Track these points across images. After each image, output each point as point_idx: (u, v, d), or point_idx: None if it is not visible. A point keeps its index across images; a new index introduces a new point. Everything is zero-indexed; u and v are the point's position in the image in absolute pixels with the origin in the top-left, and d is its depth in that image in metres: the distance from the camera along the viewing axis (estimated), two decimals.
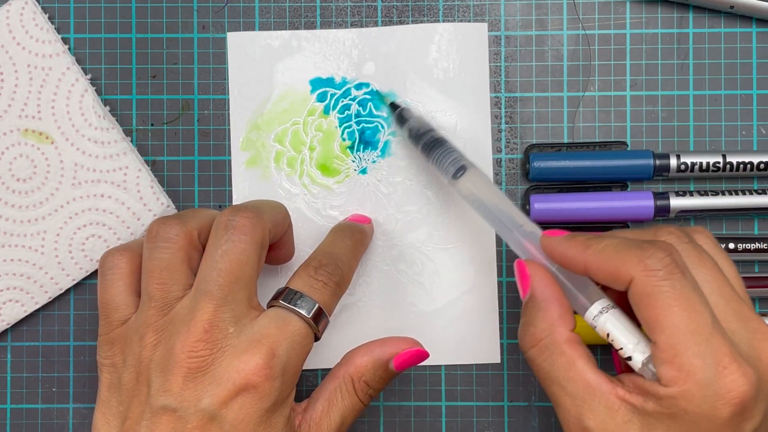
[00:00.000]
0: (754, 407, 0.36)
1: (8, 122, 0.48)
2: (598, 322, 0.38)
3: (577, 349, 0.39)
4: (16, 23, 0.48)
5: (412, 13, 0.50)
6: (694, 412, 0.35)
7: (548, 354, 0.39)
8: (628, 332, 0.38)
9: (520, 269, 0.41)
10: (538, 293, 0.40)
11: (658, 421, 0.36)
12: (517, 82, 0.50)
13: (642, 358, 0.37)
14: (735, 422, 0.35)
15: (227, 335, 0.40)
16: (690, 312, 0.35)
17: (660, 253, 0.36)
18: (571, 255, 0.39)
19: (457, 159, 0.45)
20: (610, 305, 0.39)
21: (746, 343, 0.37)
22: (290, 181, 0.50)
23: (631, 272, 0.36)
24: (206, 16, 0.50)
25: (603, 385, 0.38)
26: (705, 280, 0.38)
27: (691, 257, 0.38)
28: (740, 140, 0.50)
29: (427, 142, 0.47)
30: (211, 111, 0.50)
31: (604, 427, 0.37)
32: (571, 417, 0.38)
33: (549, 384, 0.39)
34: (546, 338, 0.39)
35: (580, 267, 0.39)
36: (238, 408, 0.39)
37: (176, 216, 0.43)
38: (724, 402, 0.35)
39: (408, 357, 0.44)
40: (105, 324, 0.42)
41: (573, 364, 0.38)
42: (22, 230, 0.48)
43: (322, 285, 0.42)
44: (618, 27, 0.50)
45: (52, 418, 0.50)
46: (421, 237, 0.50)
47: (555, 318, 0.39)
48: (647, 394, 0.36)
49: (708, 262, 0.38)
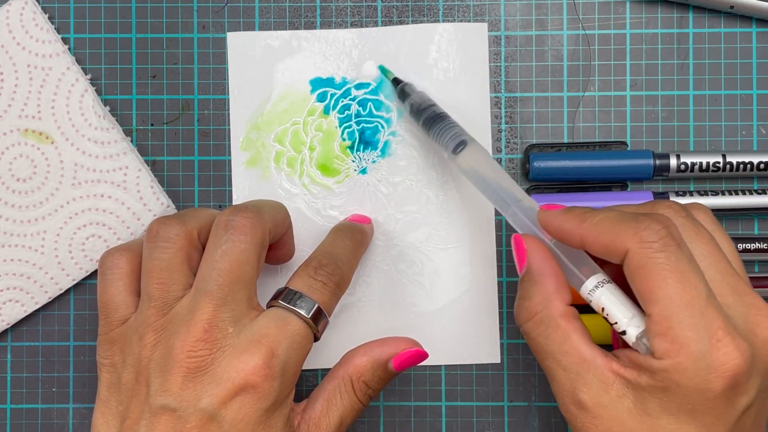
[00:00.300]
0: (747, 381, 0.35)
1: (8, 122, 0.48)
2: (594, 297, 0.38)
3: (572, 323, 0.38)
4: (16, 23, 0.48)
5: (412, 13, 0.50)
6: (686, 386, 0.35)
7: (543, 327, 0.39)
8: (623, 306, 0.37)
9: (516, 243, 0.41)
10: (534, 267, 0.40)
11: (652, 395, 0.36)
12: (517, 82, 0.50)
13: (636, 332, 0.37)
14: (728, 396, 0.35)
15: (227, 335, 0.39)
16: (685, 284, 0.35)
17: (656, 225, 0.36)
18: (568, 228, 0.39)
19: (458, 134, 0.45)
20: (606, 280, 0.38)
21: (741, 318, 0.36)
22: (290, 181, 0.50)
23: (626, 244, 0.36)
24: (206, 16, 0.50)
25: (598, 359, 0.37)
26: (702, 254, 0.37)
27: (688, 231, 0.38)
28: (740, 140, 0.50)
29: (428, 117, 0.47)
30: (211, 111, 0.50)
31: (598, 401, 0.37)
32: (566, 391, 0.38)
33: (544, 358, 0.39)
34: (541, 312, 0.39)
35: (576, 240, 0.38)
36: (237, 408, 0.39)
37: (176, 216, 0.43)
38: (716, 375, 0.35)
39: (407, 357, 0.44)
40: (104, 324, 0.42)
41: (568, 338, 0.38)
42: (22, 230, 0.48)
43: (321, 285, 0.42)
44: (618, 27, 0.50)
45: (52, 418, 0.50)
46: (421, 237, 0.50)
47: (551, 292, 0.39)
48: (641, 368, 0.36)
49: (705, 236, 0.38)
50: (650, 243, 0.36)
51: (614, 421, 0.37)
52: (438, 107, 0.47)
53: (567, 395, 0.38)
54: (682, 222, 0.38)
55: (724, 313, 0.36)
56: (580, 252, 0.40)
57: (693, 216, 0.39)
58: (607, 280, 0.38)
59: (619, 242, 0.36)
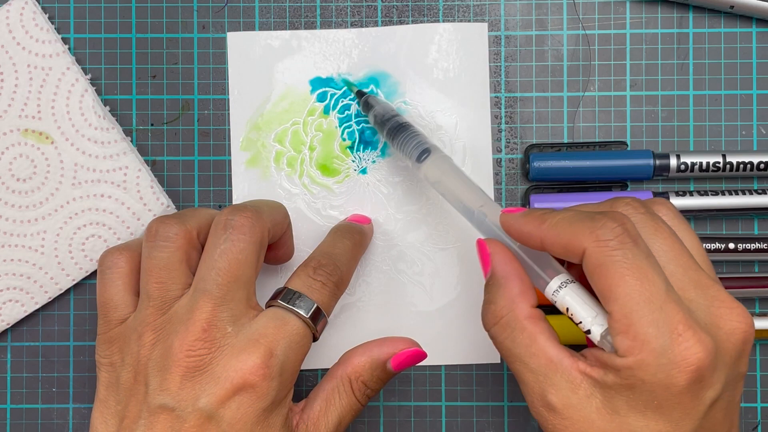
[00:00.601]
0: (712, 375, 0.35)
1: (8, 122, 0.48)
2: (558, 297, 0.38)
3: (538, 325, 0.38)
4: (16, 23, 0.48)
5: (412, 13, 0.50)
6: (650, 382, 0.35)
7: (510, 331, 0.39)
8: (586, 305, 0.37)
9: (480, 248, 0.41)
10: (498, 271, 0.40)
11: (618, 393, 0.36)
12: (517, 82, 0.50)
13: (600, 330, 0.37)
14: (693, 390, 0.35)
15: (225, 334, 0.40)
16: (642, 281, 0.35)
17: (611, 223, 0.36)
18: (528, 230, 0.38)
19: (421, 142, 0.45)
20: (570, 280, 0.38)
21: (704, 311, 0.36)
22: (290, 181, 0.50)
23: (583, 244, 0.36)
24: (206, 16, 0.50)
25: (564, 360, 0.37)
26: (661, 250, 0.37)
27: (646, 227, 0.38)
28: (740, 140, 0.50)
29: (391, 127, 0.47)
30: (211, 111, 0.50)
31: (567, 402, 0.37)
32: (535, 393, 0.38)
33: (512, 361, 0.39)
34: (507, 315, 0.39)
35: (536, 242, 0.38)
36: (235, 407, 0.39)
37: (176, 215, 0.43)
38: (679, 370, 0.34)
39: (406, 357, 0.44)
40: (104, 323, 0.42)
41: (534, 340, 0.38)
42: (22, 230, 0.48)
43: (320, 285, 0.42)
44: (618, 27, 0.50)
45: (52, 418, 0.50)
46: (421, 237, 0.50)
47: (515, 294, 0.39)
48: (607, 366, 0.36)
49: (665, 231, 0.38)
50: (606, 241, 0.36)
51: (584, 421, 0.36)
52: (401, 117, 0.47)
53: (536, 398, 0.38)
54: (641, 218, 0.38)
55: (685, 307, 0.35)
56: (544, 254, 0.40)
57: (653, 211, 0.39)
58: (571, 280, 0.38)
59: (576, 242, 0.36)
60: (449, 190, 0.44)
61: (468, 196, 0.43)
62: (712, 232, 0.50)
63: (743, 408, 0.49)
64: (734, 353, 0.36)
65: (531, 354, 0.38)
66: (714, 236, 0.48)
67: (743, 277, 0.49)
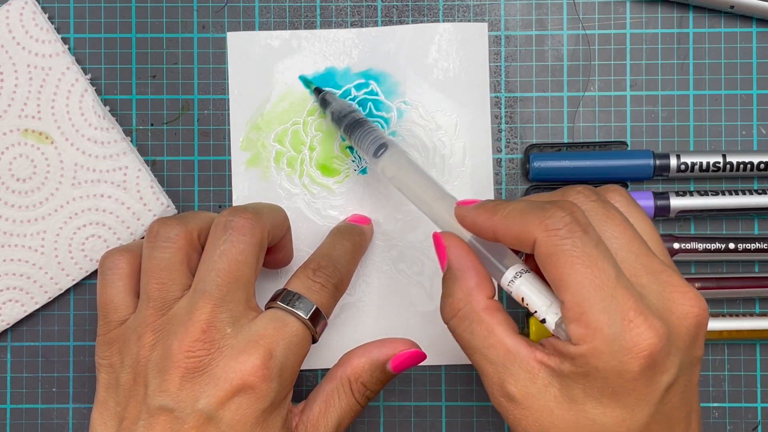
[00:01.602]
0: (666, 360, 0.35)
1: (8, 122, 0.48)
2: (513, 287, 0.38)
3: (495, 316, 0.38)
4: (16, 23, 0.48)
5: (412, 13, 0.50)
6: (604, 369, 0.35)
7: (468, 323, 0.39)
8: (541, 294, 0.37)
9: (437, 241, 0.41)
10: (454, 263, 0.40)
11: (574, 381, 0.36)
12: (517, 82, 0.50)
13: (555, 319, 0.37)
14: (647, 376, 0.35)
15: (225, 336, 0.40)
16: (593, 268, 0.35)
17: (560, 212, 0.36)
18: (480, 222, 0.39)
19: (378, 137, 0.45)
20: (524, 270, 0.38)
21: (656, 297, 0.36)
22: (290, 181, 0.50)
23: (533, 233, 0.36)
24: (206, 16, 0.50)
25: (522, 350, 0.37)
26: (612, 236, 0.37)
27: (597, 215, 0.38)
28: (740, 140, 0.50)
29: (348, 123, 0.47)
30: (211, 111, 0.50)
31: (526, 391, 0.37)
32: (494, 384, 0.38)
33: (471, 353, 0.39)
34: (464, 307, 0.39)
35: (489, 233, 0.38)
36: (235, 408, 0.39)
37: (177, 217, 0.43)
38: (631, 356, 0.34)
39: (405, 358, 0.44)
40: (103, 324, 0.42)
41: (492, 331, 0.38)
42: (22, 230, 0.48)
43: (320, 287, 0.42)
44: (618, 27, 0.50)
45: (52, 418, 0.50)
46: (421, 237, 0.50)
47: (472, 287, 0.39)
48: (562, 355, 0.36)
49: (616, 218, 0.38)
50: (555, 230, 0.36)
51: (543, 410, 0.36)
52: (358, 113, 0.47)
53: (496, 388, 0.38)
54: (592, 206, 0.38)
55: (637, 294, 0.35)
56: (499, 245, 0.39)
57: (605, 199, 0.39)
58: (525, 270, 0.38)
59: (527, 232, 0.36)
60: (406, 184, 0.44)
61: (424, 190, 0.43)
62: (712, 232, 0.50)
63: (743, 408, 0.49)
64: (687, 338, 0.36)
65: (489, 345, 0.38)
66: (714, 236, 0.48)
67: (743, 277, 0.49)
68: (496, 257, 0.39)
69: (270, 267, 0.48)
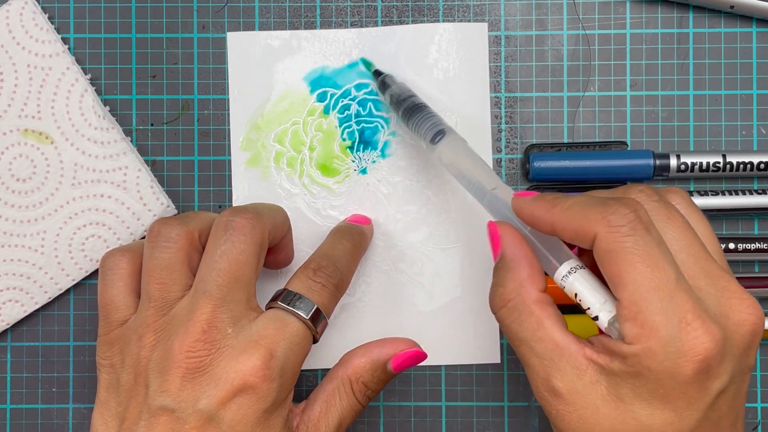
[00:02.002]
0: (719, 366, 0.35)
1: (8, 122, 0.48)
2: (567, 282, 0.38)
3: (546, 310, 0.38)
4: (16, 23, 0.48)
5: (412, 13, 0.50)
6: (657, 370, 0.35)
7: (517, 314, 0.38)
8: (595, 292, 0.37)
9: (491, 231, 0.41)
10: (507, 254, 0.40)
11: (624, 380, 0.36)
12: (517, 82, 0.50)
13: (608, 317, 0.36)
14: (699, 380, 0.35)
15: (225, 336, 0.40)
16: (653, 268, 0.35)
17: (624, 209, 0.36)
18: (539, 214, 0.38)
19: (436, 123, 0.45)
20: (579, 266, 0.38)
21: (714, 301, 0.36)
22: (290, 181, 0.50)
23: (594, 229, 0.36)
24: (206, 16, 0.50)
25: (571, 346, 0.37)
26: (673, 238, 0.37)
27: (659, 215, 0.37)
28: (740, 140, 0.50)
29: (407, 107, 0.47)
30: (211, 111, 0.50)
31: (572, 387, 0.37)
32: (539, 378, 0.38)
33: (518, 344, 0.39)
34: (515, 298, 0.39)
35: (547, 226, 0.38)
36: (236, 409, 0.39)
37: (178, 217, 0.43)
38: (686, 359, 0.34)
39: (406, 358, 0.44)
40: (104, 324, 0.42)
41: (541, 325, 0.38)
42: (22, 230, 0.48)
43: (320, 287, 0.42)
44: (618, 27, 0.50)
45: (52, 418, 0.50)
46: (421, 237, 0.50)
47: (524, 278, 0.39)
48: (613, 353, 0.36)
49: (678, 219, 0.37)
50: (618, 227, 0.35)
51: (588, 407, 0.36)
52: (417, 98, 0.47)
53: (541, 382, 0.38)
54: (654, 206, 0.38)
55: (695, 297, 0.35)
56: (554, 239, 0.39)
57: (666, 199, 0.39)
58: (580, 266, 0.38)
59: (587, 227, 0.36)
60: (462, 172, 0.43)
61: (481, 178, 0.42)
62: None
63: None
64: (742, 345, 0.36)
65: (537, 338, 0.38)
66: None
67: (743, 277, 0.49)
68: (550, 251, 0.39)
69: (271, 267, 0.48)
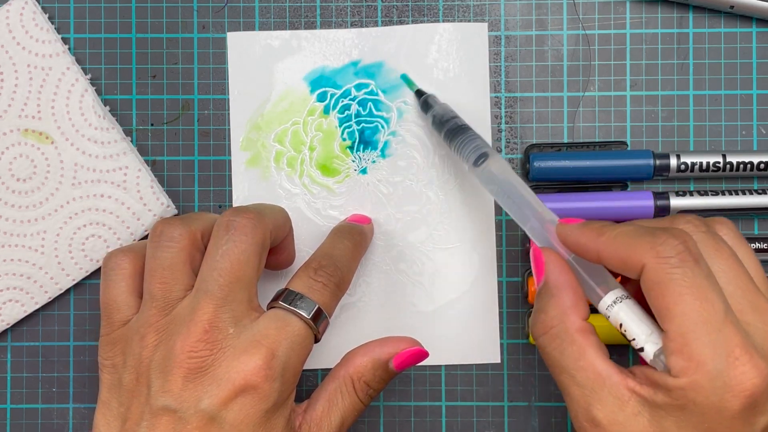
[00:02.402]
0: (766, 401, 0.35)
1: (8, 122, 0.48)
2: (611, 312, 0.38)
3: (588, 338, 0.38)
4: (16, 23, 0.48)
5: (412, 13, 0.50)
6: (703, 404, 0.34)
7: (559, 342, 0.38)
8: (641, 323, 0.37)
9: (535, 256, 0.40)
10: (551, 280, 0.39)
11: (668, 413, 0.35)
12: (517, 82, 0.50)
13: (654, 349, 0.36)
14: (745, 416, 0.34)
15: (227, 336, 0.39)
16: (702, 301, 0.34)
17: (673, 240, 0.35)
18: (585, 242, 0.38)
19: (480, 146, 0.45)
20: (625, 296, 0.38)
21: (761, 336, 0.36)
22: (290, 181, 0.50)
23: (642, 259, 0.35)
24: (206, 16, 0.50)
25: (613, 376, 0.37)
26: (721, 270, 0.37)
27: (707, 246, 0.37)
28: (740, 140, 0.50)
29: (450, 128, 0.47)
30: (211, 111, 0.50)
31: (613, 418, 0.36)
32: (580, 407, 0.37)
33: (558, 372, 0.38)
34: (557, 326, 0.38)
35: (593, 254, 0.38)
36: (238, 409, 0.39)
37: (180, 217, 0.43)
38: (733, 394, 0.34)
39: (408, 357, 0.44)
40: (106, 324, 0.42)
41: (583, 353, 0.37)
42: (22, 230, 0.48)
43: (321, 286, 0.42)
44: (618, 27, 0.50)
45: (52, 418, 0.50)
46: (421, 237, 0.50)
47: (567, 306, 0.38)
48: (657, 385, 0.35)
49: (725, 252, 0.37)
50: (667, 258, 0.35)
51: None
52: (460, 119, 0.47)
53: (581, 412, 0.37)
54: (702, 237, 0.38)
55: (743, 331, 0.35)
56: (599, 267, 0.39)
57: (714, 230, 0.38)
58: (626, 295, 0.38)
59: (635, 257, 0.36)
60: (505, 195, 0.43)
61: (524, 201, 0.42)
62: None
63: None
64: None
65: (579, 367, 0.37)
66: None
67: None
68: (594, 279, 0.39)
69: (273, 268, 0.48)
